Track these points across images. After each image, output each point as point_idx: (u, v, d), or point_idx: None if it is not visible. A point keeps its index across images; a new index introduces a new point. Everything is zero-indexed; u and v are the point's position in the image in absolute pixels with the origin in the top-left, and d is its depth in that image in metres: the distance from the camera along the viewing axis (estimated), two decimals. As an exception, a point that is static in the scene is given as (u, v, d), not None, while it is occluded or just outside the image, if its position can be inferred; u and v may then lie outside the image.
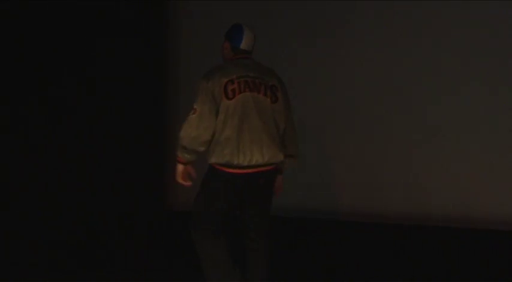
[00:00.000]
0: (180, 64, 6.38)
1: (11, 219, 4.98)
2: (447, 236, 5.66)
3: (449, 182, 5.86)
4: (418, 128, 5.93)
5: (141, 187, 5.97)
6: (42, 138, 5.20)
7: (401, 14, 5.93)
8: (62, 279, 4.72)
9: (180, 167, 4.11)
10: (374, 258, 5.24)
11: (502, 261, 5.08)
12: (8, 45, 4.95)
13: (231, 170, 4.01)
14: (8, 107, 4.98)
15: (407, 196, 5.94)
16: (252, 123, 3.99)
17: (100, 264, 5.07)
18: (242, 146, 3.97)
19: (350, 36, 6.04)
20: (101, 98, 5.64)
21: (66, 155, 5.38)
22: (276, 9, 6.13)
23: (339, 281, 4.80)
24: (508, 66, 5.72)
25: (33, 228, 5.08)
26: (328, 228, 5.83)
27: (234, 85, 3.98)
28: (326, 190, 6.10)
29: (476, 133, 5.82)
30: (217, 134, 3.98)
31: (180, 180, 4.14)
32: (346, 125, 6.07)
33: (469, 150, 5.84)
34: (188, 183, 4.13)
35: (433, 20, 5.87)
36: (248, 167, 4.00)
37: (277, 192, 4.27)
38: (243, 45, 4.12)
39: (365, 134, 6.04)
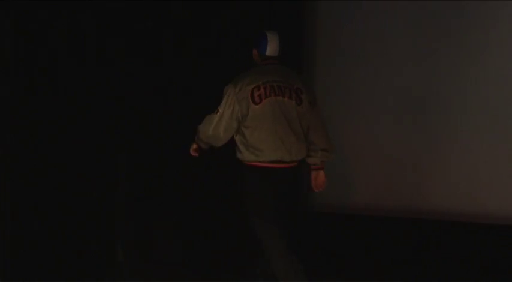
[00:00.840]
0: (316, 64, 6.46)
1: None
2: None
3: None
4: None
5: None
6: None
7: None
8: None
9: (194, 145, 4.63)
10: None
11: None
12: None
13: (261, 164, 4.42)
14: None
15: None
16: (278, 125, 4.40)
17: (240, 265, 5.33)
18: (270, 145, 4.39)
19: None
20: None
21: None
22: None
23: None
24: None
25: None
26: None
27: (261, 90, 4.39)
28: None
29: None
30: (248, 136, 4.42)
31: (191, 152, 4.64)
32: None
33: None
34: (195, 155, 4.63)
35: None
36: (273, 162, 4.40)
37: (318, 187, 4.62)
38: (268, 52, 4.52)
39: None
